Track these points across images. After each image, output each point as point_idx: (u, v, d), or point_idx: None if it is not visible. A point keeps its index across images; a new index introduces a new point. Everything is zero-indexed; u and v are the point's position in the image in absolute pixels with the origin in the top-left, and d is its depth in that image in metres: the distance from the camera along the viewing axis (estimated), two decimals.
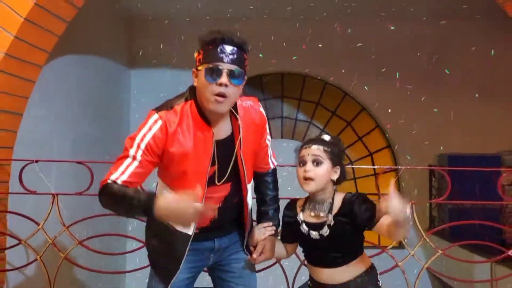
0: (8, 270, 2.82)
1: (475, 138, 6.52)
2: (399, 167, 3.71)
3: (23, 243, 2.58)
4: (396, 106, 6.76)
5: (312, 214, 1.76)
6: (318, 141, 1.77)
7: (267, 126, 1.84)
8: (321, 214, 1.74)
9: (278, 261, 2.20)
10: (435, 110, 6.68)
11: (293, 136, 7.26)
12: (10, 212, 2.78)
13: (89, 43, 5.17)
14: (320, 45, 6.58)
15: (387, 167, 7.03)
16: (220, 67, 1.57)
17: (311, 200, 1.80)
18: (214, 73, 1.57)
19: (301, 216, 1.79)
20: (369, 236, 6.49)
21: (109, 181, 1.58)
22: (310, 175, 1.71)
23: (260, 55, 6.66)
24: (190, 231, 1.68)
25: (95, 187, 2.67)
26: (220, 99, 1.58)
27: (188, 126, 1.64)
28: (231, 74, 1.58)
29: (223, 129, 1.68)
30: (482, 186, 5.08)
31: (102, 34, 5.69)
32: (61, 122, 4.50)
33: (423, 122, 6.66)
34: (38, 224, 2.57)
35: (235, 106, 1.70)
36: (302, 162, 1.75)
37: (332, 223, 1.71)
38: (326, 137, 1.81)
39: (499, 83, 6.67)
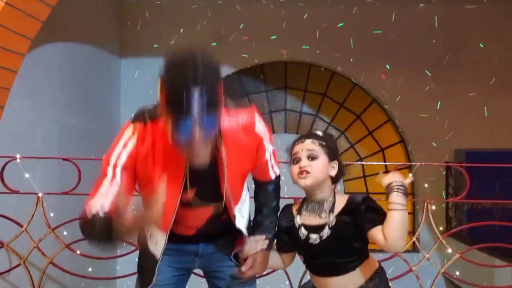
0: None
1: (495, 133, 6.50)
2: (413, 163, 3.67)
3: (5, 247, 2.58)
4: (410, 98, 6.74)
5: (311, 215, 1.74)
6: (312, 135, 1.76)
7: (266, 141, 1.76)
8: (322, 215, 1.72)
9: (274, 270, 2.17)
10: (451, 102, 6.67)
11: (297, 130, 7.23)
12: None
13: (76, 30, 5.15)
14: (327, 32, 6.56)
15: (400, 163, 7.02)
16: (187, 120, 1.42)
17: (309, 201, 1.77)
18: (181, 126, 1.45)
19: (298, 220, 1.76)
20: None
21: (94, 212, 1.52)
22: (306, 168, 1.69)
23: (261, 43, 6.66)
24: (158, 254, 1.73)
25: (82, 186, 2.67)
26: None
27: (159, 148, 1.60)
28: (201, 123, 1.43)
29: (201, 156, 1.56)
30: (502, 184, 5.09)
31: (90, 21, 5.67)
32: (45, 114, 4.49)
33: (439, 116, 6.63)
34: (21, 226, 2.57)
35: (220, 126, 1.59)
36: (296, 159, 1.73)
37: (333, 224, 1.69)
38: (319, 132, 1.80)
39: None
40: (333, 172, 1.74)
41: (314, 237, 1.70)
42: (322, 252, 1.71)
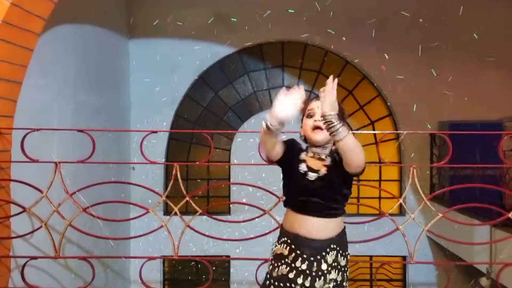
0: (14, 238, 2.85)
1: (477, 106, 6.51)
2: (400, 131, 3.69)
3: (27, 211, 2.60)
4: (398, 74, 6.72)
5: (314, 158, 1.77)
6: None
7: None
8: (323, 157, 1.77)
9: (266, 147, 1.87)
10: (436, 75, 6.64)
11: None
12: (13, 180, 2.79)
13: (87, 11, 5.09)
14: (319, 12, 6.49)
15: (388, 131, 7.04)
16: None
17: (314, 148, 1.80)
18: None
19: (303, 155, 1.80)
20: (369, 203, 6.58)
21: None
22: (320, 124, 1.71)
23: (260, 22, 6.60)
24: None
25: (96, 155, 2.69)
26: None
27: None
28: None
29: None
30: (483, 153, 5.10)
31: (101, 3, 5.60)
32: (60, 92, 4.48)
33: (425, 91, 6.64)
34: (41, 192, 2.59)
35: None
36: (310, 114, 1.77)
37: (330, 168, 1.74)
38: None
39: (503, 49, 6.63)
40: None
41: (312, 175, 1.74)
42: (316, 191, 1.73)
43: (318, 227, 1.73)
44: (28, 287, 2.63)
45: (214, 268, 7.03)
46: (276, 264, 1.77)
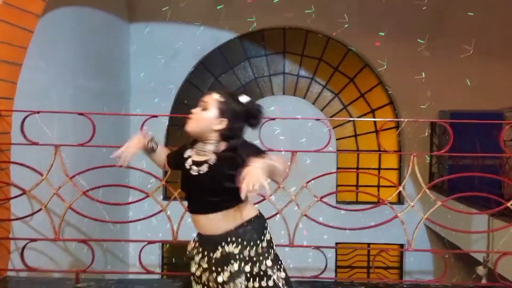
0: (14, 220, 2.85)
1: (478, 96, 6.49)
2: (400, 119, 3.68)
3: (27, 194, 2.61)
4: (399, 62, 6.71)
5: (198, 152, 1.77)
6: (218, 90, 1.78)
7: None
8: (205, 153, 1.75)
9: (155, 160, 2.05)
10: (438, 67, 6.62)
11: (295, 92, 7.21)
12: (13, 162, 2.78)
13: None
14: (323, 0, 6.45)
15: (388, 119, 7.03)
16: None
17: (198, 142, 1.80)
18: None
19: (188, 152, 1.81)
20: (368, 191, 6.54)
21: None
22: (192, 116, 1.76)
23: (262, 8, 6.54)
24: None
25: (96, 140, 2.69)
26: None
27: None
28: None
29: None
30: (483, 142, 5.10)
31: None
32: (60, 75, 4.45)
33: (426, 80, 6.62)
34: (41, 174, 2.59)
35: None
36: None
37: (212, 162, 1.71)
38: (242, 97, 1.77)
39: (505, 39, 6.60)
40: (218, 127, 1.73)
41: (195, 169, 1.73)
42: (199, 186, 1.73)
43: (205, 223, 1.72)
44: (28, 269, 2.64)
45: None
46: (190, 261, 1.82)
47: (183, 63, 6.94)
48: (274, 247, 1.77)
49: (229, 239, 1.69)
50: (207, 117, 1.72)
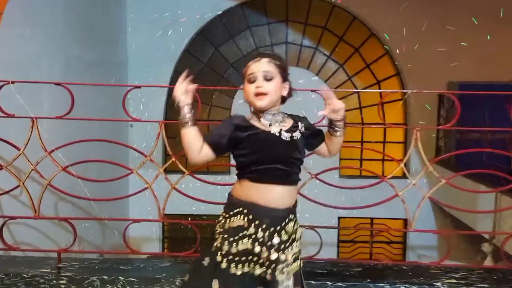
0: None
1: (488, 67, 6.22)
2: (406, 90, 3.45)
3: (5, 169, 2.45)
4: (408, 32, 6.40)
5: (273, 122, 1.61)
6: (267, 55, 1.61)
7: None
8: (283, 120, 1.63)
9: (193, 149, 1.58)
10: (446, 37, 6.32)
11: (297, 63, 6.95)
12: None
13: None
14: None
15: (393, 90, 6.79)
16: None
17: (264, 114, 1.62)
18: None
19: (264, 121, 1.61)
20: (373, 164, 6.35)
21: None
22: (263, 90, 1.57)
23: None
24: None
25: (91, 112, 2.49)
26: None
27: None
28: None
29: None
30: (492, 115, 4.88)
31: None
32: (50, 44, 4.24)
33: (435, 50, 6.32)
34: (18, 149, 2.43)
35: None
36: (251, 79, 1.60)
37: (303, 130, 1.64)
38: (271, 52, 1.67)
39: None
40: (285, 93, 1.63)
41: (286, 135, 1.60)
42: (281, 156, 1.59)
43: (278, 196, 1.60)
44: (8, 248, 2.51)
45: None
46: (233, 239, 1.60)
47: (182, 32, 6.70)
48: None
49: (290, 216, 1.62)
50: (277, 86, 1.60)
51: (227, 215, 1.62)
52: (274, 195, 1.59)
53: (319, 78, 6.91)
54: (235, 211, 1.61)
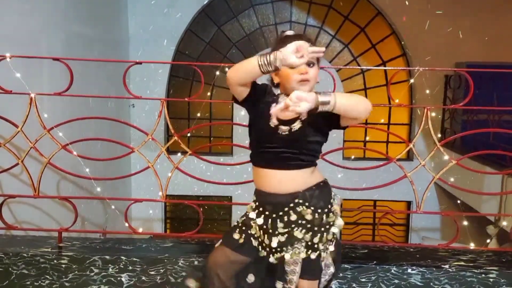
0: None
1: (497, 47, 6.09)
2: (413, 67, 3.35)
3: (3, 147, 2.39)
4: (415, 11, 6.26)
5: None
6: (306, 39, 1.51)
7: None
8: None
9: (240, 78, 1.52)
10: (454, 17, 6.16)
11: None
12: None
13: None
14: None
15: (400, 68, 6.67)
16: None
17: (285, 94, 1.57)
18: None
19: (273, 107, 1.54)
20: (377, 146, 6.26)
21: None
22: (307, 77, 1.50)
23: None
24: None
25: (92, 89, 2.41)
26: None
27: None
28: None
29: None
30: (500, 97, 4.79)
31: None
32: (50, 20, 4.13)
33: (442, 30, 6.18)
34: (16, 126, 2.36)
35: None
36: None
37: (304, 118, 1.53)
38: (307, 36, 1.58)
39: None
40: (319, 79, 1.58)
41: (284, 128, 1.54)
42: (283, 142, 1.54)
43: (287, 181, 1.55)
44: (7, 227, 2.47)
45: (216, 208, 6.98)
46: (245, 226, 1.64)
47: (184, 11, 6.56)
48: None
49: (297, 201, 1.55)
50: (317, 72, 1.54)
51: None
52: (274, 181, 1.56)
53: (323, 58, 6.78)
54: (253, 198, 1.65)
